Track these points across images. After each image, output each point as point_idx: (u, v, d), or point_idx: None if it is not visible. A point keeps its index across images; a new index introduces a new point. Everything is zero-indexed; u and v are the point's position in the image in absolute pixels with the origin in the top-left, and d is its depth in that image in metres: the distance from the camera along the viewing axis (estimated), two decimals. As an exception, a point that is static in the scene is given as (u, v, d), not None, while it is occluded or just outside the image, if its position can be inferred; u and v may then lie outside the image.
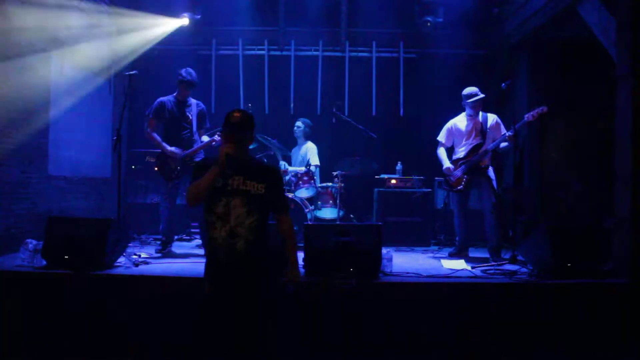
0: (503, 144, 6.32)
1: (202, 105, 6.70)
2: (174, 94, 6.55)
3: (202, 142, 6.52)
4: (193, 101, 6.60)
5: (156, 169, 6.44)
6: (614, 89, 5.62)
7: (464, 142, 6.60)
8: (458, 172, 6.51)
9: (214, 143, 6.48)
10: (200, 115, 6.62)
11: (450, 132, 6.76)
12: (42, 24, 6.56)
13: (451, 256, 6.54)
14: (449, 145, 6.77)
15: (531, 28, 7.83)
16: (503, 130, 6.44)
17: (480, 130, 6.51)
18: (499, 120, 6.56)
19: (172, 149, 6.34)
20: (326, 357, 4.76)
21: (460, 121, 6.72)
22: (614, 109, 5.56)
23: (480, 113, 6.61)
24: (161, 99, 6.52)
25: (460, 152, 6.61)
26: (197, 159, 6.44)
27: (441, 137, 6.82)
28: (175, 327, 4.78)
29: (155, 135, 6.41)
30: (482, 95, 6.55)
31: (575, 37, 7.31)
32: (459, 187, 6.51)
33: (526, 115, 6.07)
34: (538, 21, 7.56)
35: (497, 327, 4.79)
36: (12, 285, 4.93)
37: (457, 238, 6.73)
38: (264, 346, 3.56)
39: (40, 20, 6.52)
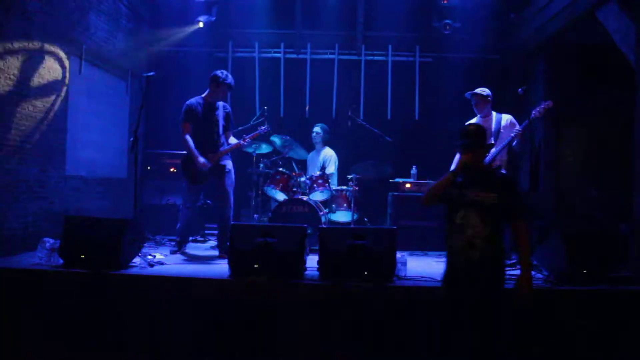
0: (515, 142, 6.32)
1: (228, 107, 6.69)
2: (203, 95, 6.49)
3: (229, 144, 6.56)
4: (220, 103, 6.59)
5: (182, 169, 6.46)
6: (632, 94, 5.58)
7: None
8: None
9: (239, 146, 6.52)
10: (227, 118, 6.61)
11: None
12: (61, 25, 6.64)
13: None
14: None
15: (549, 33, 7.78)
16: (517, 127, 6.40)
17: (492, 132, 6.49)
18: (513, 120, 6.47)
19: (203, 160, 6.27)
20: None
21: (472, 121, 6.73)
22: (632, 114, 5.51)
23: (494, 114, 6.57)
24: (189, 101, 6.45)
25: None
26: (223, 162, 6.47)
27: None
28: (190, 328, 4.81)
29: (189, 140, 6.34)
30: (478, 94, 6.54)
31: (593, 43, 7.26)
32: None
33: (533, 112, 6.03)
34: (556, 26, 7.51)
35: (510, 331, 4.75)
36: (29, 283, 4.98)
37: None
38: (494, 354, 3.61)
39: (60, 21, 6.60)
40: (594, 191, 7.86)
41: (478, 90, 6.56)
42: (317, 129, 8.15)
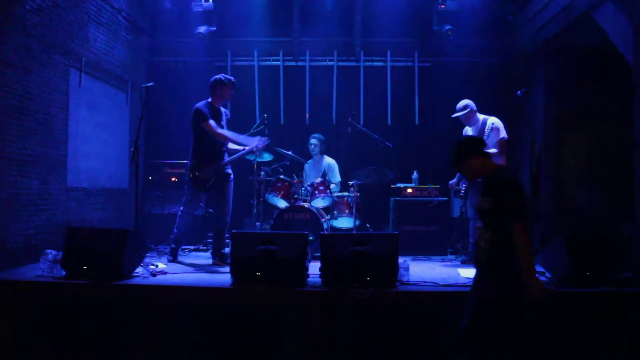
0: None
1: (227, 111, 6.72)
2: (209, 101, 6.45)
3: (236, 150, 6.58)
4: (222, 109, 6.60)
5: (190, 177, 6.41)
6: (631, 95, 5.58)
7: None
8: (454, 180, 6.88)
9: (251, 153, 6.58)
10: (228, 122, 6.64)
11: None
12: (61, 38, 6.68)
13: (464, 264, 6.55)
14: None
15: (547, 35, 7.79)
16: (501, 134, 6.40)
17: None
18: (496, 125, 6.47)
19: (257, 140, 6.41)
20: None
21: (468, 130, 6.77)
22: (632, 115, 5.52)
23: (481, 118, 6.60)
24: (198, 105, 6.37)
25: None
26: (227, 170, 6.48)
27: None
28: (193, 337, 4.81)
29: (225, 132, 6.42)
30: (457, 114, 6.68)
31: (592, 44, 7.26)
32: (460, 194, 6.82)
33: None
34: (553, 28, 7.52)
35: (515, 335, 4.74)
36: (32, 295, 4.99)
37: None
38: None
39: (59, 34, 6.64)
40: (596, 193, 7.85)
41: (459, 113, 6.63)
42: (313, 140, 8.16)
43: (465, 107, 6.61)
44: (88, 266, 5.11)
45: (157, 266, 5.81)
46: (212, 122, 6.28)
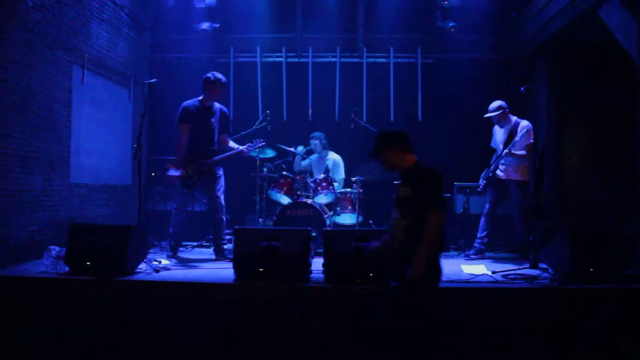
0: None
1: (225, 109, 6.70)
2: (199, 98, 6.49)
3: (230, 148, 6.62)
4: (217, 106, 6.59)
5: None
6: (635, 93, 5.55)
7: (500, 150, 6.73)
8: (483, 174, 6.80)
9: (240, 153, 6.57)
10: (223, 119, 6.61)
11: (493, 136, 6.96)
12: (63, 35, 6.68)
13: (467, 259, 6.64)
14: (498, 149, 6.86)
15: (550, 32, 7.76)
16: (531, 139, 6.42)
17: (510, 138, 6.54)
18: (528, 128, 6.52)
19: (176, 173, 6.36)
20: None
21: (497, 129, 6.80)
22: (634, 112, 5.49)
23: (514, 119, 6.63)
24: (185, 103, 6.45)
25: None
26: (215, 168, 6.47)
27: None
28: (196, 333, 4.81)
29: (183, 144, 6.39)
30: (489, 114, 6.69)
31: (595, 41, 7.24)
32: (478, 189, 6.87)
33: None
34: (557, 25, 7.49)
35: (518, 332, 4.74)
36: (35, 291, 5.00)
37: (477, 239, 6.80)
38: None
39: (62, 30, 6.64)
40: (599, 190, 7.83)
41: (492, 114, 6.66)
42: (313, 140, 8.10)
43: (498, 107, 6.66)
44: (91, 262, 5.12)
45: (160, 262, 5.82)
46: (185, 126, 6.36)
